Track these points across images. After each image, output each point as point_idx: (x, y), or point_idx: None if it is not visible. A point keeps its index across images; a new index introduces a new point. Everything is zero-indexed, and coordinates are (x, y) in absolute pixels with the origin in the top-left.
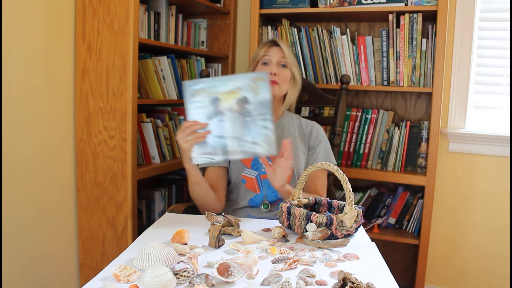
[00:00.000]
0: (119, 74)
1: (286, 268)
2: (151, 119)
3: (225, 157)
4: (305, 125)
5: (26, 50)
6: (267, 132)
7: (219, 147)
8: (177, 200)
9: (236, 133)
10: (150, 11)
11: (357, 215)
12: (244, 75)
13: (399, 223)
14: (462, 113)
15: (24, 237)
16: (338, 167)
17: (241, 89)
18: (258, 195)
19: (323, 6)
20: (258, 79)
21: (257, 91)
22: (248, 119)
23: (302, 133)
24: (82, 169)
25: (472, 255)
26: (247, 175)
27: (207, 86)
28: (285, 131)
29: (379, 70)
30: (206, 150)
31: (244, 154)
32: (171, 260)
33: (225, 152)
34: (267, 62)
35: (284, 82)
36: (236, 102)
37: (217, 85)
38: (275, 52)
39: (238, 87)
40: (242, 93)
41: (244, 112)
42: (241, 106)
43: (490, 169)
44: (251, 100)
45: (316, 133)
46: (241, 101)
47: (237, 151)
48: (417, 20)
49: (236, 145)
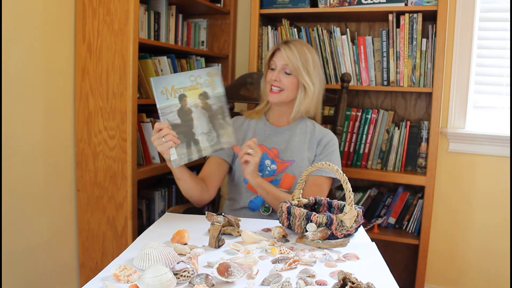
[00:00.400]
0: (119, 74)
1: (286, 268)
2: (151, 119)
3: (199, 154)
4: (318, 133)
5: (26, 50)
6: (226, 125)
7: (193, 145)
8: (177, 200)
9: (204, 129)
10: (150, 11)
11: (357, 215)
12: (201, 70)
13: (399, 223)
14: (462, 113)
15: (24, 237)
16: (338, 168)
17: (201, 84)
18: (258, 197)
19: (323, 6)
20: (213, 74)
21: (213, 86)
22: (210, 114)
23: (312, 140)
24: (82, 169)
25: (472, 255)
26: None
27: (174, 82)
28: (294, 135)
29: (379, 70)
30: (183, 150)
31: (213, 148)
32: (171, 260)
33: (198, 150)
34: (273, 68)
35: (288, 89)
36: (198, 97)
37: (181, 81)
38: (279, 58)
39: (198, 82)
40: (202, 88)
41: (207, 107)
42: (203, 101)
43: (490, 169)
44: (210, 95)
45: (326, 142)
46: (203, 96)
47: (207, 147)
48: (417, 20)
49: (206, 141)
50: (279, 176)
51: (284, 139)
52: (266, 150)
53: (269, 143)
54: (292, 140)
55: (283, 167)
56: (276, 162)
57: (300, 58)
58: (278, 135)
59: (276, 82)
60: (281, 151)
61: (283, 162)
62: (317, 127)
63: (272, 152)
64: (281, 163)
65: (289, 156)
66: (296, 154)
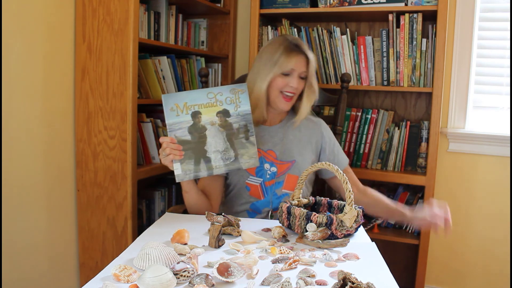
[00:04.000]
0: (119, 74)
1: (286, 268)
2: (151, 119)
3: (209, 172)
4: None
5: (26, 50)
6: (249, 145)
7: (203, 162)
8: (177, 200)
9: (219, 147)
10: (150, 11)
11: (357, 215)
12: (223, 87)
13: (399, 223)
14: (462, 113)
15: (24, 236)
16: (338, 167)
17: (221, 101)
18: (261, 200)
19: (323, 6)
20: (238, 91)
21: (237, 103)
22: (229, 132)
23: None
24: (82, 169)
25: (472, 255)
26: (251, 182)
27: (187, 99)
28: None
29: (379, 70)
30: (190, 166)
31: (228, 167)
32: (171, 260)
33: (209, 168)
34: (288, 73)
35: (297, 95)
36: (216, 114)
37: (196, 98)
38: (299, 63)
39: (218, 99)
40: (222, 105)
41: (226, 125)
42: (221, 119)
43: (490, 169)
44: (232, 112)
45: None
46: (221, 114)
47: (221, 166)
48: (417, 20)
49: (220, 159)
50: (281, 178)
51: (278, 139)
52: (263, 154)
53: (264, 146)
54: (286, 139)
55: (285, 168)
56: (275, 164)
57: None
58: (272, 135)
59: (293, 89)
60: (279, 153)
61: (283, 163)
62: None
63: (269, 155)
64: (281, 165)
65: (289, 156)
66: (294, 153)
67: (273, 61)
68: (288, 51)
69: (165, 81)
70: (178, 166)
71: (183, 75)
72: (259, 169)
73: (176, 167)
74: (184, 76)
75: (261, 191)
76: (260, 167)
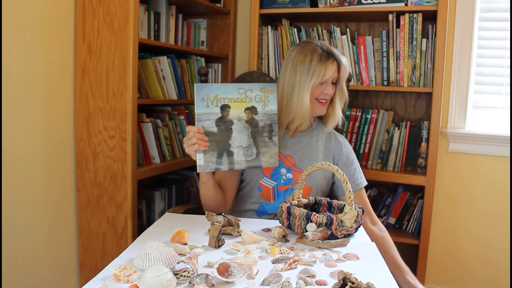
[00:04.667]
0: (119, 74)
1: (286, 268)
2: (151, 119)
3: (230, 166)
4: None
5: (26, 50)
6: (271, 144)
7: (225, 156)
8: (177, 200)
9: (242, 143)
10: (150, 11)
11: (357, 215)
12: (254, 84)
13: (399, 223)
14: (462, 113)
15: (24, 237)
16: (337, 167)
17: (251, 98)
18: (270, 204)
19: (323, 6)
20: (268, 91)
21: (265, 102)
22: (254, 130)
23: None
24: (82, 169)
25: (472, 255)
26: (264, 184)
27: (219, 91)
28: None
29: (379, 70)
30: (213, 158)
31: (248, 164)
32: (171, 260)
33: (231, 162)
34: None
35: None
36: (244, 110)
37: (228, 91)
38: (333, 71)
39: (248, 96)
40: (251, 102)
41: (252, 122)
42: (249, 115)
43: (490, 169)
44: (259, 110)
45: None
46: (249, 110)
47: (242, 161)
48: (417, 20)
49: (242, 155)
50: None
51: (300, 147)
52: (282, 158)
53: (285, 151)
54: (307, 148)
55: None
56: (292, 171)
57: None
58: (295, 142)
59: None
60: (298, 160)
61: (300, 171)
62: (333, 134)
63: (288, 160)
64: (298, 172)
65: (307, 165)
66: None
67: (311, 72)
68: (323, 61)
69: (165, 81)
70: (201, 157)
71: (183, 75)
72: (275, 173)
73: (199, 157)
74: (184, 76)
75: (272, 194)
76: (276, 170)
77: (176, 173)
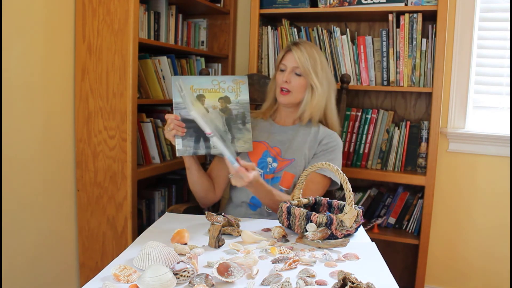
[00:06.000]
0: (119, 74)
1: (286, 268)
2: (151, 119)
3: (207, 150)
4: (321, 133)
5: (26, 50)
6: (245, 131)
7: (202, 141)
8: (177, 200)
9: (218, 129)
10: (150, 11)
11: (357, 215)
12: (227, 76)
13: (399, 223)
14: (462, 113)
15: (24, 237)
16: (338, 168)
17: (224, 89)
18: None
19: (323, 6)
20: (239, 82)
21: (237, 93)
22: (228, 117)
23: (314, 141)
24: (82, 169)
25: (472, 255)
26: None
27: (194, 83)
28: (297, 135)
29: (379, 70)
30: (191, 143)
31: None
32: (171, 260)
33: (207, 146)
34: (283, 69)
35: (297, 91)
36: (218, 100)
37: (202, 82)
38: (289, 60)
39: (221, 87)
40: (224, 93)
41: (226, 110)
42: (223, 104)
43: (490, 169)
44: (232, 100)
45: (327, 142)
46: (223, 100)
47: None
48: (417, 20)
49: (218, 141)
50: (279, 174)
51: (287, 138)
52: (268, 148)
53: (272, 142)
54: (294, 140)
55: (283, 165)
56: (277, 160)
57: (309, 60)
58: (282, 134)
59: (286, 84)
60: (283, 150)
61: (284, 160)
62: (322, 129)
63: (274, 150)
64: (282, 161)
65: (290, 154)
66: (296, 153)
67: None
68: (284, 50)
69: (165, 81)
70: (180, 142)
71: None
72: (262, 161)
73: (178, 142)
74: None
75: None
76: (263, 159)
77: (176, 173)
